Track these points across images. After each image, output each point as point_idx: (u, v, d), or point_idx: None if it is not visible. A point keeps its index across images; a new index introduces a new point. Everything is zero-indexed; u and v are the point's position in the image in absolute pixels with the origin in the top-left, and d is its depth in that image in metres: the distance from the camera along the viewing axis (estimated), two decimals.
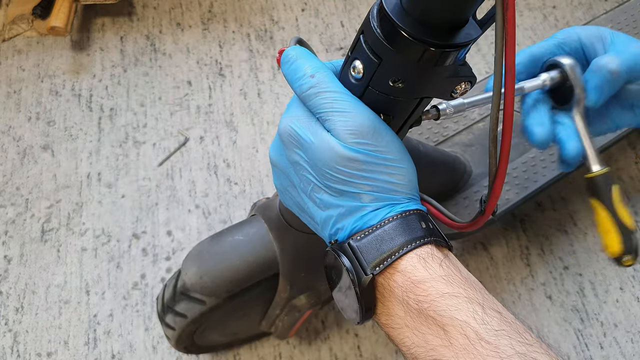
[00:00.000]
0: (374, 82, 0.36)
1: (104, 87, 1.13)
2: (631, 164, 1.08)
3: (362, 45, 0.35)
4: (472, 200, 0.82)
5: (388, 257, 0.34)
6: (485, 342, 0.30)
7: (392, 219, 0.35)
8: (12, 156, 1.05)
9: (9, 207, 0.99)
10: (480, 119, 0.89)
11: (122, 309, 0.91)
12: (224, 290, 0.62)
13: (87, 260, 0.95)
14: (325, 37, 1.21)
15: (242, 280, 0.63)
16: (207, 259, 0.63)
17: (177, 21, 1.22)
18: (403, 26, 0.32)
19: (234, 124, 1.10)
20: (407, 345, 0.34)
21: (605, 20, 1.01)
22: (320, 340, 0.89)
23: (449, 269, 0.34)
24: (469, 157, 0.85)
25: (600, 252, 0.98)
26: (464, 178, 0.82)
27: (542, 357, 0.30)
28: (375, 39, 0.34)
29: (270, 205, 0.63)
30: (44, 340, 0.88)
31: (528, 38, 1.22)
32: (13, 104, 1.10)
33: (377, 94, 0.37)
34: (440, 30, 0.33)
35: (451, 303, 0.32)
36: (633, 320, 0.92)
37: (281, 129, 0.38)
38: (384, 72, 0.35)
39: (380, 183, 0.36)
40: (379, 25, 0.34)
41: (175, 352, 0.87)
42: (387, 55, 0.34)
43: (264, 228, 0.63)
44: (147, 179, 1.03)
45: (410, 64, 0.34)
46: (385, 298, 0.35)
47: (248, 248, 0.63)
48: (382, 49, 0.34)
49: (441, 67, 0.34)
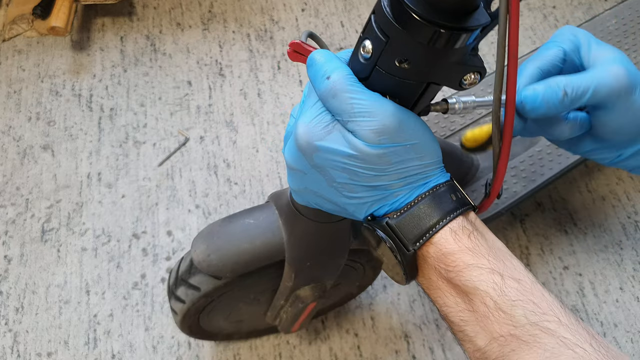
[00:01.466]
0: (381, 61, 0.36)
1: (104, 87, 1.13)
2: None
3: (372, 25, 0.36)
4: (480, 194, 0.82)
5: (425, 234, 0.37)
6: (502, 311, 0.34)
7: (425, 195, 0.38)
8: (12, 156, 1.05)
9: (9, 207, 0.99)
10: (487, 113, 0.89)
11: (122, 309, 0.91)
12: (230, 270, 0.63)
13: (87, 260, 0.95)
14: (325, 37, 1.21)
15: (249, 263, 0.63)
16: (216, 238, 0.64)
17: (177, 21, 1.22)
18: (412, 7, 0.33)
19: (234, 124, 1.10)
20: (440, 303, 0.38)
21: (610, 16, 1.01)
22: (320, 340, 0.89)
23: (477, 240, 0.37)
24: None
25: (600, 252, 0.99)
26: (472, 171, 0.83)
27: (552, 325, 0.33)
28: (385, 18, 0.34)
29: (282, 193, 0.64)
30: (44, 340, 0.88)
31: (528, 38, 1.22)
32: (13, 104, 1.10)
33: (384, 74, 0.37)
34: (449, 13, 0.33)
35: (475, 274, 0.35)
36: (633, 320, 0.92)
37: (299, 136, 0.38)
38: (391, 52, 0.35)
39: (411, 168, 0.38)
40: (389, 5, 0.34)
41: (175, 351, 0.87)
42: (395, 34, 0.34)
43: (275, 214, 0.63)
44: (147, 179, 1.03)
45: (417, 45, 0.34)
46: (421, 265, 0.39)
47: (257, 232, 0.63)
48: (390, 28, 0.34)
49: (449, 51, 0.35)
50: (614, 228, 1.01)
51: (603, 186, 1.05)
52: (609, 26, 1.00)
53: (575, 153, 0.52)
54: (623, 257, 0.98)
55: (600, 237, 1.00)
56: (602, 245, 0.99)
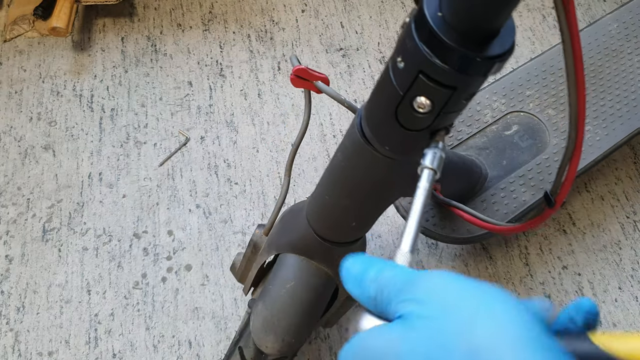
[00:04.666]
0: (447, 108, 0.37)
1: (105, 87, 1.13)
2: (630, 164, 1.09)
3: (425, 82, 0.35)
4: (490, 203, 0.82)
5: None
6: None
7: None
8: (13, 156, 1.05)
9: (11, 207, 1.00)
10: (493, 122, 0.89)
11: (123, 309, 0.91)
12: (307, 333, 0.63)
13: (88, 259, 0.95)
14: (325, 38, 1.21)
15: (315, 317, 0.63)
16: (275, 321, 0.61)
17: (177, 22, 1.22)
18: (471, 52, 0.33)
19: (235, 124, 1.10)
20: None
21: (611, 19, 1.01)
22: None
23: None
24: (484, 160, 0.86)
25: (599, 252, 0.99)
26: (480, 181, 0.83)
27: None
28: (444, 73, 0.34)
29: (292, 240, 0.61)
30: (45, 339, 0.89)
31: (527, 39, 1.22)
32: (14, 104, 1.11)
33: (448, 115, 0.38)
34: (485, 38, 0.34)
35: None
36: (632, 320, 0.92)
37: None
38: (459, 96, 0.36)
39: None
40: (443, 61, 0.34)
41: (175, 351, 0.88)
42: (461, 82, 0.35)
43: (303, 261, 0.61)
44: (148, 179, 1.03)
45: (480, 79, 0.35)
46: None
47: (304, 288, 0.61)
48: (454, 79, 0.34)
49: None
50: (612, 228, 1.02)
51: (602, 186, 1.06)
52: (611, 30, 1.01)
53: None
54: (622, 257, 0.99)
55: (599, 236, 1.01)
56: (601, 245, 1.00)
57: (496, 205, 0.83)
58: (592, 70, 0.96)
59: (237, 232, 0.98)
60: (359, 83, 1.16)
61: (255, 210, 1.01)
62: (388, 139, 0.43)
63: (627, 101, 0.93)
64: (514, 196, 0.83)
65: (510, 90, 0.93)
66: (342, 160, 0.50)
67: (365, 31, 1.23)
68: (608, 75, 0.96)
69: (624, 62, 0.97)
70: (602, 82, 0.95)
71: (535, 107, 0.91)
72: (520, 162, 0.86)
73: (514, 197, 0.83)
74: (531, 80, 0.94)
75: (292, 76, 0.42)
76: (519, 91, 0.93)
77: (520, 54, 1.18)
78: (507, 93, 0.92)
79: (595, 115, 0.91)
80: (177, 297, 0.92)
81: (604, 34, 1.00)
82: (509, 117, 0.90)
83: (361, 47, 1.21)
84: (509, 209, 0.82)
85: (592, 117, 0.91)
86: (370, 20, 1.25)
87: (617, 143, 0.89)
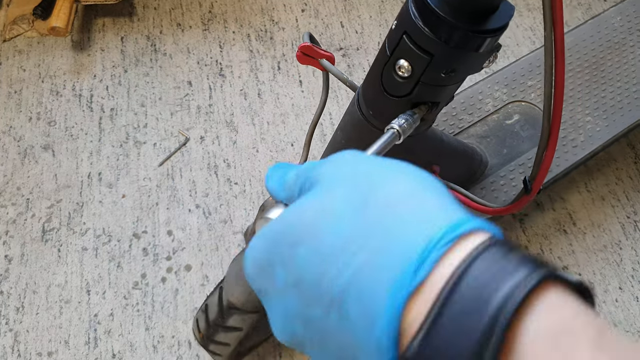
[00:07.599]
0: (425, 77, 0.37)
1: (105, 87, 1.13)
2: (630, 164, 1.09)
3: (407, 44, 0.36)
4: (489, 190, 0.83)
5: None
6: None
7: None
8: (12, 156, 1.05)
9: (10, 207, 1.00)
10: (494, 111, 0.90)
11: (123, 309, 0.91)
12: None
13: (87, 259, 0.95)
14: (325, 37, 1.21)
15: None
16: (243, 279, 0.63)
17: (177, 22, 1.22)
18: (456, 21, 0.33)
19: (234, 124, 1.10)
20: None
21: (615, 13, 1.02)
22: None
23: None
24: (484, 148, 0.87)
25: (599, 252, 0.99)
26: (481, 169, 0.83)
27: None
28: (424, 37, 0.34)
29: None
30: (45, 339, 0.88)
31: (527, 38, 1.22)
32: (14, 104, 1.11)
33: (428, 87, 0.38)
34: (480, 15, 0.34)
35: None
36: (632, 320, 0.92)
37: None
38: (436, 66, 0.36)
39: None
40: (425, 24, 0.34)
41: (175, 351, 0.87)
42: (440, 50, 0.35)
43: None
44: (147, 179, 1.03)
45: (464, 54, 0.35)
46: None
47: None
48: (433, 45, 0.35)
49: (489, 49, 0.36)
50: (613, 228, 1.01)
51: (602, 186, 1.06)
52: (614, 23, 1.01)
53: None
54: (622, 257, 0.98)
55: (600, 237, 1.01)
56: (601, 245, 1.00)
57: (495, 192, 0.83)
58: (594, 62, 0.97)
59: (237, 232, 0.98)
60: (359, 82, 1.16)
61: (255, 210, 1.00)
62: (375, 107, 0.45)
63: (628, 93, 0.93)
64: (513, 184, 0.84)
65: (512, 80, 0.93)
66: (342, 138, 0.52)
67: (365, 31, 1.23)
68: (610, 67, 0.96)
69: (626, 55, 0.98)
70: (604, 74, 0.96)
71: (536, 97, 0.92)
72: (520, 150, 0.87)
73: (514, 184, 0.84)
74: (533, 70, 0.95)
75: (298, 53, 0.42)
76: (521, 81, 0.93)
77: (520, 53, 1.18)
78: (509, 83, 0.93)
79: (596, 107, 0.92)
80: (177, 298, 0.92)
81: (607, 26, 1.01)
82: (510, 106, 0.91)
83: (361, 47, 1.21)
84: (508, 197, 0.83)
85: (593, 109, 0.92)
86: (370, 20, 1.25)
87: (617, 134, 0.89)
